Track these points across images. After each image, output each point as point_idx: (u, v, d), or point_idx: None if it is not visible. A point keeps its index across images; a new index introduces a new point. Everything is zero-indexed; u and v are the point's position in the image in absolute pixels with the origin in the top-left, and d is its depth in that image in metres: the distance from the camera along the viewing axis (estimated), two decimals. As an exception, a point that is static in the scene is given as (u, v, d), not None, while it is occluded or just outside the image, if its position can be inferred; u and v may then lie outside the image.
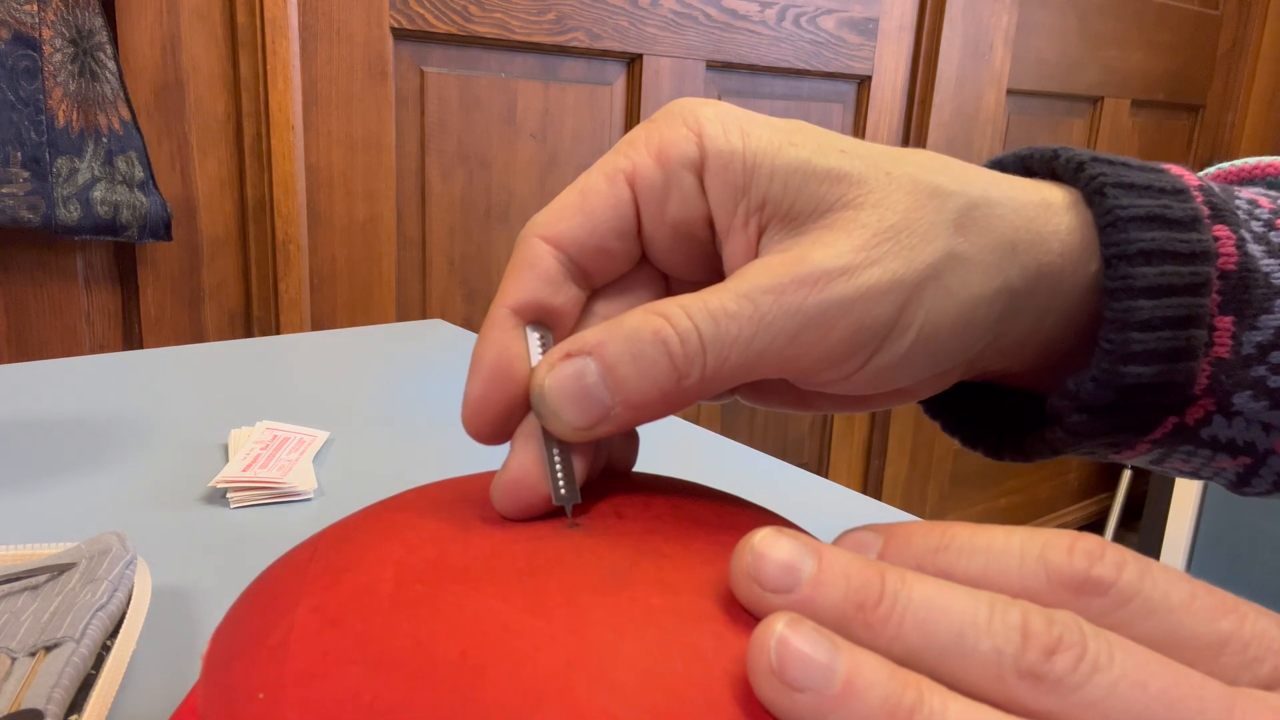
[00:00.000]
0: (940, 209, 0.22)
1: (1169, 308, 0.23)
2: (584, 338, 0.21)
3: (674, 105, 0.23)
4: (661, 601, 0.17)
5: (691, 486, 0.24)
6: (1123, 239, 0.23)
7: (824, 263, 0.21)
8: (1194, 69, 2.13)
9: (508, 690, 0.15)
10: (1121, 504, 2.23)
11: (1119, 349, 0.23)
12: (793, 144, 0.22)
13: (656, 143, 0.22)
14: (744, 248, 0.22)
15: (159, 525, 0.42)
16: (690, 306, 0.21)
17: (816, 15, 1.44)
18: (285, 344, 0.74)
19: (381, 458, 0.51)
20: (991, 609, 0.15)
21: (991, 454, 0.28)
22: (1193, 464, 0.27)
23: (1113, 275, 0.23)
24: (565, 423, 0.21)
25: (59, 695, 0.25)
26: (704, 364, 0.20)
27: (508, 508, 0.21)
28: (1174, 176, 0.25)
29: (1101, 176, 0.24)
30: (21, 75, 0.86)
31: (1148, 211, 0.23)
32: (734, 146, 0.22)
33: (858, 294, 0.21)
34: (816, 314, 0.21)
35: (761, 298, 0.20)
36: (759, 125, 0.22)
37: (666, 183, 0.22)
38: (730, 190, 0.22)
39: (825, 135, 0.23)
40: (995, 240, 0.22)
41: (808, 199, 0.21)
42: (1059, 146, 0.26)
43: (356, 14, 1.05)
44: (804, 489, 0.51)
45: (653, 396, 0.21)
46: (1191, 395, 0.24)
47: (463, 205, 1.18)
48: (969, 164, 0.24)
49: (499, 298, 0.22)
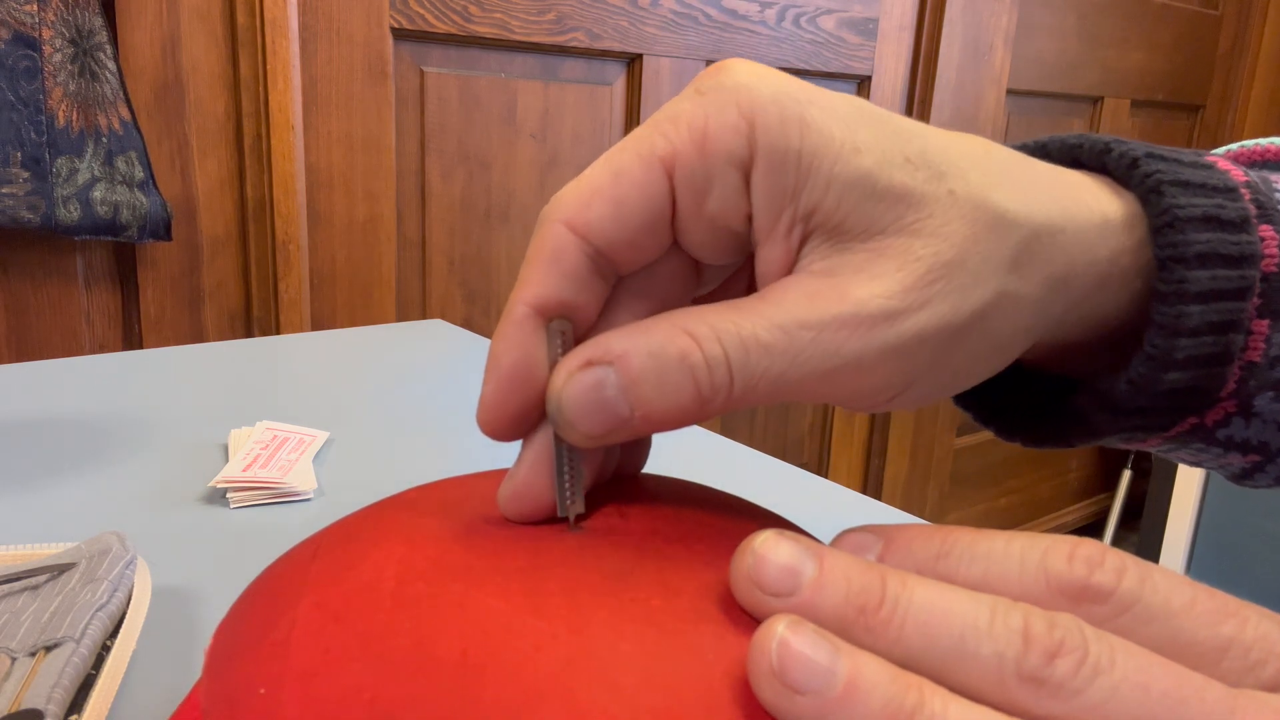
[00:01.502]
0: (1000, 243, 0.20)
1: (1215, 313, 0.22)
2: (607, 344, 0.20)
3: (727, 75, 0.20)
4: (662, 603, 0.17)
5: (694, 488, 0.24)
6: (1180, 240, 0.22)
7: (869, 304, 0.19)
8: (1194, 69, 2.13)
9: (508, 689, 0.15)
10: (1121, 504, 2.23)
11: (1163, 354, 0.22)
12: (856, 148, 0.19)
13: (702, 127, 0.20)
14: (782, 255, 0.21)
15: (159, 525, 0.42)
16: (721, 330, 0.19)
17: (816, 15, 1.44)
18: (285, 344, 0.74)
19: (381, 458, 0.51)
20: (993, 613, 0.15)
21: (1003, 435, 0.28)
22: (1200, 458, 0.27)
23: (1167, 279, 0.22)
24: (580, 432, 0.20)
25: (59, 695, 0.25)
26: (730, 391, 0.19)
27: (514, 515, 0.21)
28: (1223, 173, 0.24)
29: (1158, 174, 0.23)
30: (21, 75, 0.86)
31: (1203, 212, 0.22)
32: (789, 145, 0.19)
33: (900, 341, 0.19)
34: (854, 359, 0.19)
35: (798, 333, 0.19)
36: (821, 112, 0.20)
37: (708, 177, 0.20)
38: (778, 195, 0.20)
39: (893, 131, 0.20)
40: (1049, 275, 0.21)
41: (861, 217, 0.20)
42: (1110, 139, 0.24)
43: (356, 14, 1.05)
44: (804, 489, 0.51)
45: (673, 414, 0.20)
46: (1216, 398, 0.24)
47: (463, 205, 1.18)
48: (1034, 166, 0.22)
49: (520, 290, 0.21)
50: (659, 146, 0.20)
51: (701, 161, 0.20)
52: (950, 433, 1.90)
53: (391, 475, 0.49)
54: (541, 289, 0.20)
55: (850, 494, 0.50)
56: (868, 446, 1.78)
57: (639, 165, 0.20)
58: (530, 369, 0.21)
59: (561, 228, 0.20)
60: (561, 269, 0.20)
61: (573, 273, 0.20)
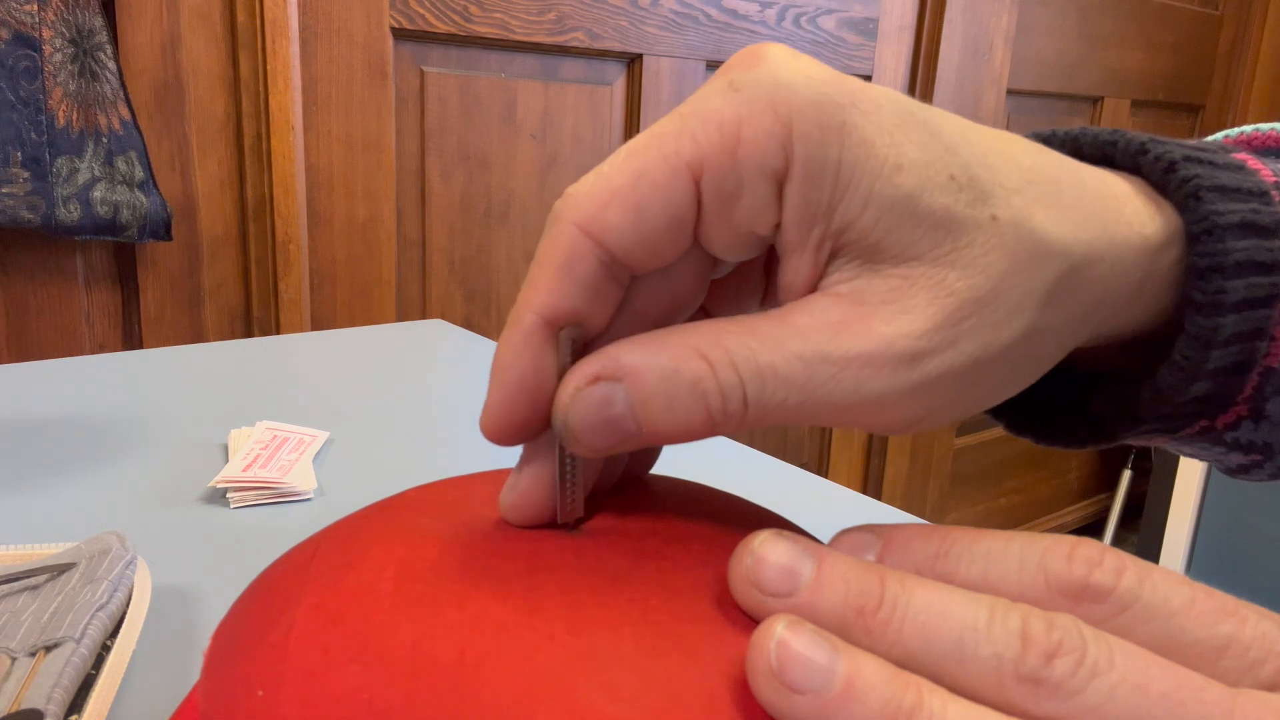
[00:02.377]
0: (1038, 277, 0.19)
1: (1245, 321, 0.22)
2: (617, 358, 0.19)
3: (765, 68, 0.19)
4: (661, 603, 0.17)
5: (694, 487, 0.24)
6: (1218, 249, 0.21)
7: (896, 344, 0.18)
8: (1194, 69, 2.13)
9: (505, 690, 0.15)
10: (1121, 504, 2.23)
11: (1193, 365, 0.22)
12: (899, 165, 0.18)
13: (735, 131, 0.18)
14: (809, 269, 0.19)
15: (159, 525, 0.42)
16: (738, 357, 0.18)
17: (816, 15, 1.44)
18: (285, 344, 0.74)
19: (381, 458, 0.51)
20: (991, 614, 0.15)
21: (1013, 430, 0.27)
22: (1200, 454, 0.27)
23: (1204, 289, 0.22)
24: (585, 446, 0.19)
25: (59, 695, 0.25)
26: (743, 418, 0.19)
27: (516, 522, 0.21)
28: (1254, 173, 0.23)
29: (1196, 179, 0.22)
30: (21, 75, 0.86)
31: (1240, 218, 0.22)
32: (828, 156, 0.18)
33: (924, 381, 0.19)
34: (875, 397, 0.18)
35: (819, 367, 0.18)
36: (864, 118, 0.18)
37: (739, 185, 0.19)
38: (811, 209, 0.19)
39: (938, 141, 0.19)
40: (1084, 307, 0.20)
41: (897, 241, 0.18)
42: (1146, 138, 0.23)
43: (356, 14, 1.05)
44: (804, 489, 0.51)
45: (682, 435, 0.19)
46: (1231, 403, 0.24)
47: (463, 205, 1.18)
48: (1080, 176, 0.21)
49: (530, 296, 0.20)
50: (686, 150, 0.18)
51: (733, 169, 0.18)
52: (950, 433, 1.90)
53: (391, 475, 0.49)
54: (553, 298, 0.19)
55: (850, 494, 0.50)
56: (868, 446, 1.78)
57: (664, 169, 0.19)
58: (538, 380, 0.20)
59: (576, 231, 0.19)
60: (575, 277, 0.19)
61: (586, 281, 0.19)
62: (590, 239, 0.19)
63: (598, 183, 0.19)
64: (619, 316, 0.21)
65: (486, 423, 0.20)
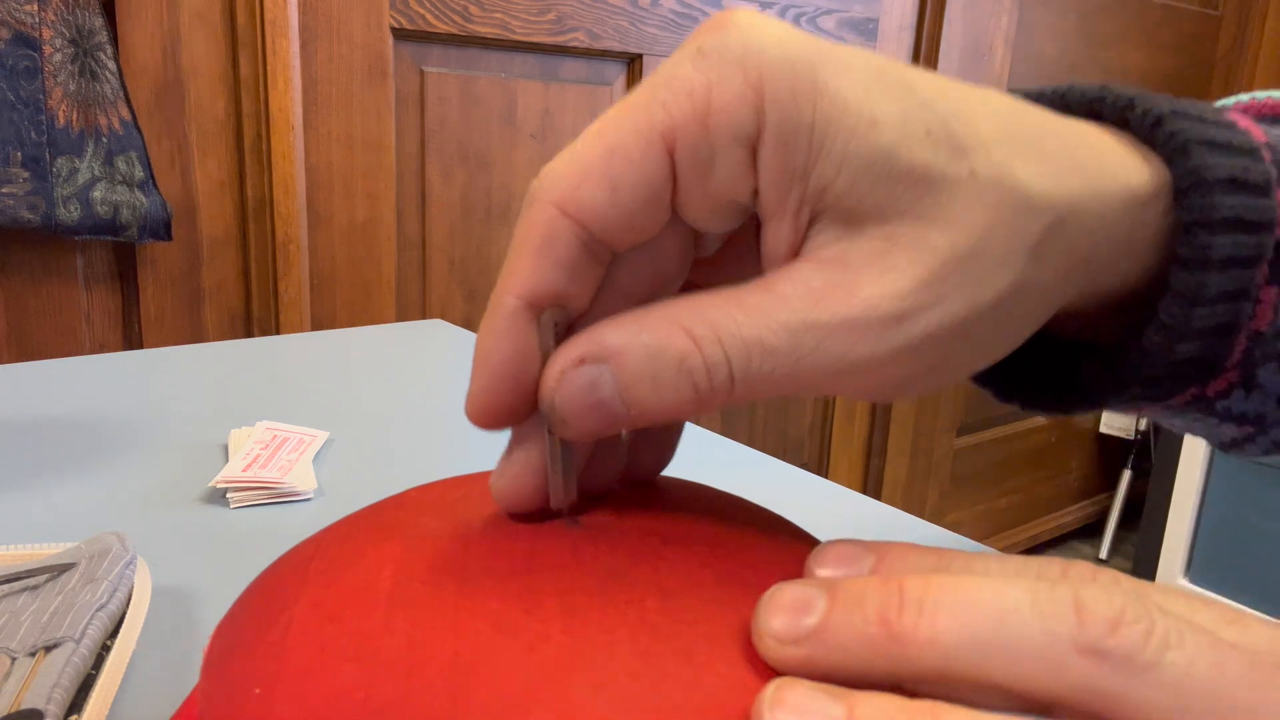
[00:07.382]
0: (1022, 230, 0.19)
1: (1231, 281, 0.21)
2: (601, 339, 0.19)
3: (733, 32, 0.18)
4: (657, 604, 0.17)
5: (694, 488, 0.24)
6: (1205, 204, 0.21)
7: (880, 306, 0.18)
8: (1194, 69, 2.13)
9: (499, 690, 0.15)
10: (1121, 504, 2.23)
11: (1179, 324, 0.22)
12: (874, 120, 0.18)
13: (704, 98, 0.18)
14: (790, 234, 0.19)
15: (159, 525, 0.42)
16: (723, 330, 0.18)
17: (816, 15, 1.44)
18: (285, 344, 0.74)
19: (381, 458, 0.51)
20: (1034, 592, 0.14)
21: (1001, 397, 0.27)
22: (1193, 426, 0.26)
23: (1191, 244, 0.21)
24: (574, 429, 0.19)
25: (59, 695, 0.25)
26: (730, 392, 0.18)
27: (507, 507, 0.21)
28: (1244, 132, 0.23)
29: (1184, 132, 0.21)
30: (21, 75, 0.86)
31: (1229, 174, 0.21)
32: (801, 119, 0.18)
33: (909, 342, 0.18)
34: (861, 362, 0.18)
35: (804, 335, 0.18)
36: (836, 76, 0.18)
37: (712, 153, 0.18)
38: (787, 173, 0.18)
39: (913, 95, 0.18)
40: (1070, 260, 0.20)
41: (876, 200, 0.18)
42: (1135, 93, 0.23)
43: (356, 14, 1.05)
44: (804, 489, 0.51)
45: (670, 413, 0.19)
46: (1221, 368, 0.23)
47: (463, 206, 1.18)
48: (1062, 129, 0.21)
49: (509, 280, 0.19)
50: (658, 120, 0.18)
51: (704, 137, 0.18)
52: (950, 433, 1.90)
53: (391, 475, 0.49)
54: (532, 280, 0.19)
55: (850, 494, 0.50)
56: (868, 446, 1.78)
57: (636, 141, 0.18)
58: (521, 364, 0.19)
59: (553, 210, 0.19)
60: (554, 257, 0.19)
61: (566, 261, 0.19)
62: (567, 217, 0.19)
63: (571, 160, 0.19)
64: (602, 295, 0.20)
65: (471, 407, 0.20)
